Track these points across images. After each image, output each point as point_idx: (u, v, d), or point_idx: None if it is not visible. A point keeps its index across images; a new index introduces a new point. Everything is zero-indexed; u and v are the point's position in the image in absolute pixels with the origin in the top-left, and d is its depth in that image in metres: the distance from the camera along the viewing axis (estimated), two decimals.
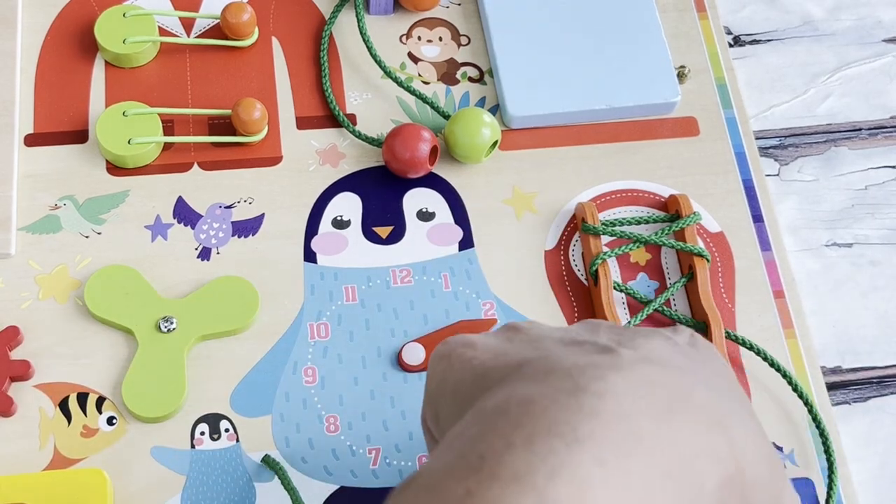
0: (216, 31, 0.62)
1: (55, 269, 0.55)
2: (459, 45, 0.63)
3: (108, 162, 0.58)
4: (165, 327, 0.52)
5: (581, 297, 0.56)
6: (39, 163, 0.58)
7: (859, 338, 0.56)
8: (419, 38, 0.63)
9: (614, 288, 0.55)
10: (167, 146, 0.59)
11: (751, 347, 0.53)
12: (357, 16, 0.62)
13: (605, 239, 0.57)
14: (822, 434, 0.52)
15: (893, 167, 0.62)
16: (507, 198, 0.58)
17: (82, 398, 0.52)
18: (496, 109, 0.61)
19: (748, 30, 0.65)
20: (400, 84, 0.60)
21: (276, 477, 0.50)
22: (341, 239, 0.57)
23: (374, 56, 0.61)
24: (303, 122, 0.60)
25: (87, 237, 0.56)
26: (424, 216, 0.58)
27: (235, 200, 0.58)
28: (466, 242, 0.57)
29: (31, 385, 0.52)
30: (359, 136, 0.59)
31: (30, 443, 0.51)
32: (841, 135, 0.62)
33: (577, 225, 0.58)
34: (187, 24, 0.63)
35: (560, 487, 0.30)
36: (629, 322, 0.54)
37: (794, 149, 0.62)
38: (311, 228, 0.57)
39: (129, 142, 0.57)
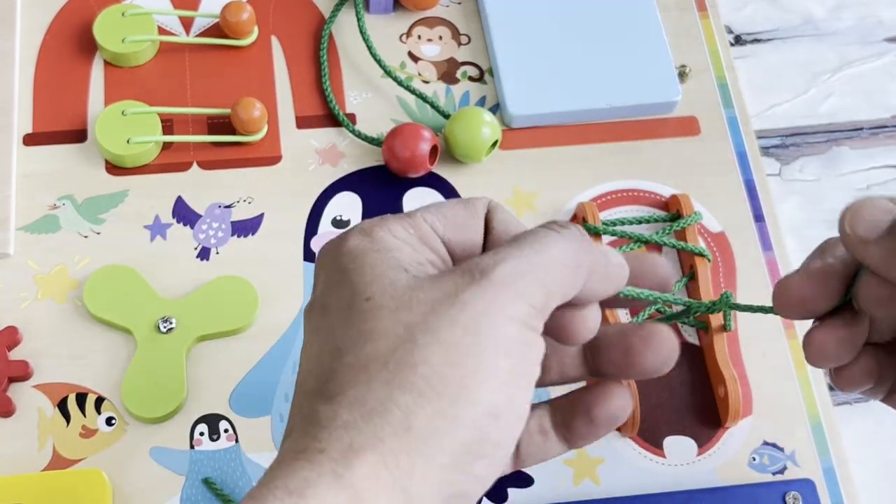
0: (215, 30, 0.62)
1: (54, 269, 0.55)
2: (459, 44, 0.63)
3: (107, 161, 0.58)
4: (164, 327, 0.52)
5: None
6: (38, 162, 0.58)
7: None
8: (419, 37, 0.63)
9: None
10: (166, 146, 0.58)
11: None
12: (357, 15, 0.62)
13: (606, 239, 0.57)
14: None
15: (895, 166, 0.61)
16: (507, 197, 0.58)
17: (81, 398, 0.52)
18: (496, 109, 0.61)
19: (749, 29, 0.65)
20: (400, 83, 0.60)
21: None
22: None
23: (373, 55, 0.61)
24: (302, 122, 0.60)
25: (85, 237, 0.56)
26: None
27: (235, 200, 0.57)
28: None
29: (29, 385, 0.52)
30: (359, 135, 0.59)
31: (28, 443, 0.51)
32: (842, 134, 0.62)
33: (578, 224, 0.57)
34: (186, 23, 0.63)
35: None
36: (632, 322, 0.54)
37: (795, 148, 0.62)
38: (311, 228, 0.57)
39: (128, 141, 0.57)
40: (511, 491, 0.51)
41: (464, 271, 0.34)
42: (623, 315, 0.55)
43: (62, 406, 0.51)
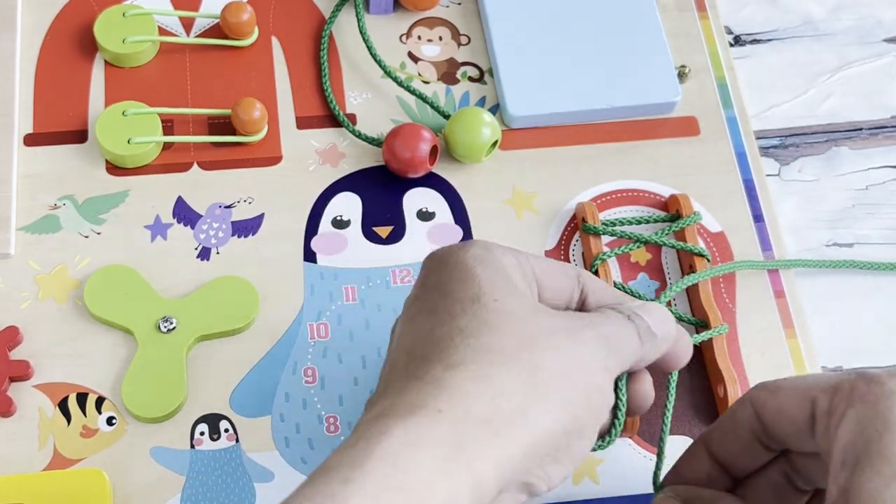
0: (216, 31, 0.62)
1: (54, 269, 0.55)
2: (459, 44, 0.63)
3: (107, 162, 0.58)
4: (165, 327, 0.52)
5: None
6: (39, 163, 0.58)
7: (860, 338, 0.56)
8: (419, 37, 0.63)
9: (615, 288, 0.55)
10: (167, 146, 0.58)
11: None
12: (357, 15, 0.62)
13: (606, 239, 0.57)
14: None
15: (894, 167, 0.62)
16: (507, 197, 0.58)
17: (82, 398, 0.52)
18: (496, 109, 0.61)
19: (749, 29, 0.65)
20: (400, 84, 0.60)
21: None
22: (341, 239, 0.57)
23: (373, 56, 0.61)
24: (303, 122, 0.60)
25: (86, 237, 0.56)
26: (424, 216, 0.58)
27: (235, 200, 0.57)
28: None
29: (30, 385, 0.52)
30: (359, 135, 0.59)
31: (29, 443, 0.51)
32: (841, 134, 0.62)
33: (578, 225, 0.57)
34: (187, 24, 0.63)
35: None
36: None
37: (794, 148, 0.62)
38: (311, 228, 0.57)
39: (128, 141, 0.57)
40: None
41: (579, 318, 0.42)
42: None
43: (63, 406, 0.52)
